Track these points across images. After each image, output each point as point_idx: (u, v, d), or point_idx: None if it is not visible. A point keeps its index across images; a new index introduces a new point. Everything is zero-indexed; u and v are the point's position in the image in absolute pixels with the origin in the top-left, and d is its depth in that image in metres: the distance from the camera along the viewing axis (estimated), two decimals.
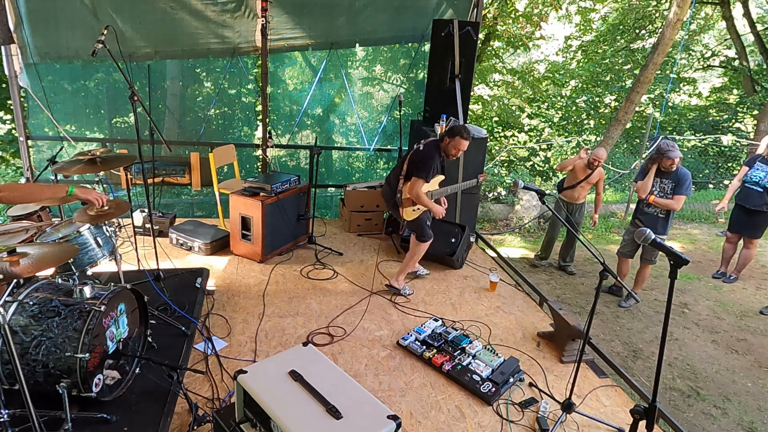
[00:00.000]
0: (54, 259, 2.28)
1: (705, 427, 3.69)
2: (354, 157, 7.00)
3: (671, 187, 4.60)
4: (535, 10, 10.75)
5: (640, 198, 4.77)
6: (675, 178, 4.58)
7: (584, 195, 5.69)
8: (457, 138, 3.75)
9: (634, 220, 4.94)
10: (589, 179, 5.51)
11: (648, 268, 5.06)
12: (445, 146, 3.83)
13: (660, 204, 4.64)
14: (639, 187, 4.75)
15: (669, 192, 4.61)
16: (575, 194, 5.64)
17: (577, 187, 5.59)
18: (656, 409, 2.07)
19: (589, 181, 5.53)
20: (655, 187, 4.68)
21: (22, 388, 1.85)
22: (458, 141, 3.76)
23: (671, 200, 4.60)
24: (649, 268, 5.06)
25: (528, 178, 11.67)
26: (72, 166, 3.13)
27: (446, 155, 3.90)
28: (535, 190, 2.87)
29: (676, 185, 4.57)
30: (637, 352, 4.58)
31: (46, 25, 5.02)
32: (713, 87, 16.14)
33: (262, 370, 2.11)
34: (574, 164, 5.58)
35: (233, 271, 4.39)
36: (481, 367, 3.19)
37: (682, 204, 4.67)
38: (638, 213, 4.89)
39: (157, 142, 3.56)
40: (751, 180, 5.36)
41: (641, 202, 4.81)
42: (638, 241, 2.08)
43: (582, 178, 5.53)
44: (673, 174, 4.58)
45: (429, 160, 3.81)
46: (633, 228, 4.95)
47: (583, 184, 5.55)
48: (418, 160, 3.79)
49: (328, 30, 5.64)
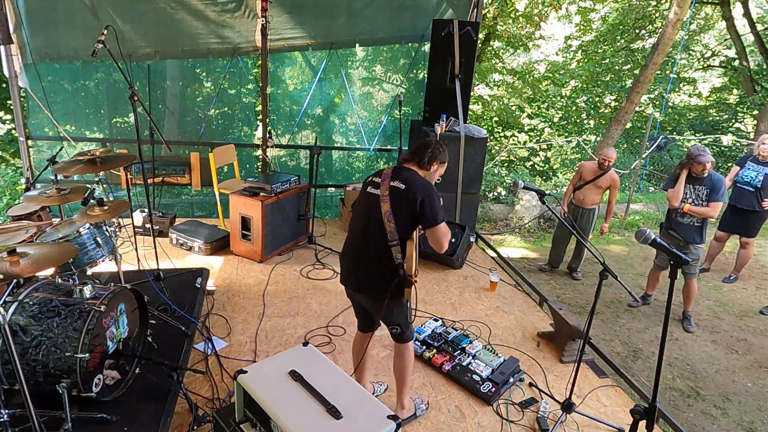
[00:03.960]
0: (54, 259, 2.28)
1: (705, 427, 3.69)
2: (354, 157, 6.99)
3: (706, 193, 4.32)
4: (535, 10, 10.75)
5: (673, 207, 4.48)
6: (709, 184, 4.30)
7: (593, 200, 5.36)
8: (444, 163, 2.67)
9: (668, 231, 4.61)
10: (597, 182, 5.24)
11: (692, 283, 4.73)
12: (431, 174, 2.62)
13: (696, 212, 4.34)
14: (670, 196, 4.46)
15: (704, 199, 4.34)
16: (581, 196, 5.37)
17: (584, 189, 5.33)
18: (656, 409, 2.07)
19: (598, 185, 5.26)
20: (688, 195, 4.40)
21: (22, 388, 1.85)
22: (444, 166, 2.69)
23: (707, 208, 4.31)
24: (693, 282, 4.73)
25: (528, 178, 11.65)
26: (72, 166, 3.13)
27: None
28: (535, 190, 2.87)
29: (710, 191, 4.30)
30: (637, 352, 4.58)
31: (46, 25, 5.02)
32: (713, 87, 16.13)
33: (262, 370, 2.11)
34: (582, 166, 5.40)
35: (233, 271, 4.39)
36: (481, 367, 3.19)
37: (719, 211, 4.39)
38: (671, 223, 4.56)
39: (157, 142, 3.56)
40: (743, 180, 5.33)
41: (673, 212, 4.50)
42: (638, 242, 2.08)
43: (590, 179, 5.29)
44: (707, 179, 4.31)
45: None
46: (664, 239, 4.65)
47: (591, 186, 5.28)
48: (432, 196, 2.46)
49: (328, 30, 5.64)
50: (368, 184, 2.59)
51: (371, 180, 2.60)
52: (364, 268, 2.53)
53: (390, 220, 2.40)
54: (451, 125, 5.00)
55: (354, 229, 2.62)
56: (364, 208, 2.54)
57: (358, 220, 2.58)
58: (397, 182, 2.47)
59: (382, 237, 2.41)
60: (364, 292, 2.60)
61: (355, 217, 2.64)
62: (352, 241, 2.62)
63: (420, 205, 2.41)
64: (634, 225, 8.36)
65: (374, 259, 2.46)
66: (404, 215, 2.42)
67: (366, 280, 2.54)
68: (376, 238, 2.43)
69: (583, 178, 5.38)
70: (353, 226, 2.63)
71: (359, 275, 2.58)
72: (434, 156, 2.57)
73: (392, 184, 2.47)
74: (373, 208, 2.45)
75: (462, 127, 4.94)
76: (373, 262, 2.47)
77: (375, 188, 2.52)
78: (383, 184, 2.48)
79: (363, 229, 2.51)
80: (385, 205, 2.42)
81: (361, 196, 2.61)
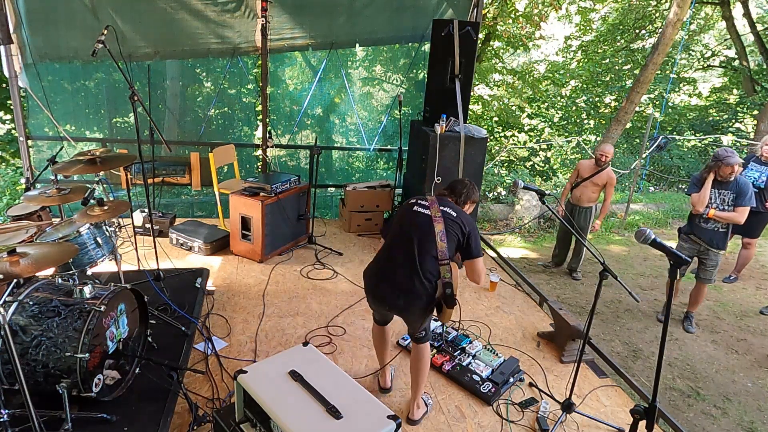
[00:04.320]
0: (54, 259, 2.28)
1: (705, 427, 3.69)
2: (354, 157, 6.99)
3: (732, 198, 4.17)
4: (534, 10, 10.75)
5: (697, 212, 4.30)
6: (735, 188, 4.16)
7: (589, 197, 5.38)
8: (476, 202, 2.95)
9: (689, 236, 4.47)
10: (594, 179, 5.26)
11: (704, 287, 4.65)
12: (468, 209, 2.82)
13: (722, 218, 4.19)
14: (696, 201, 4.26)
15: (729, 204, 4.19)
16: (578, 194, 5.41)
17: (581, 186, 5.35)
18: (656, 409, 2.07)
19: (594, 182, 5.28)
20: (712, 200, 4.24)
21: (22, 388, 1.85)
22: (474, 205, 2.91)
23: (734, 213, 4.16)
24: (705, 287, 4.65)
25: (528, 178, 11.66)
26: (72, 166, 3.13)
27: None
28: (535, 190, 2.86)
29: (737, 196, 4.15)
30: (637, 352, 4.58)
31: (46, 25, 5.02)
32: (713, 87, 16.14)
33: (262, 370, 2.11)
34: (580, 164, 5.41)
35: (233, 271, 4.39)
36: (481, 367, 3.19)
37: (746, 216, 4.18)
38: (693, 228, 4.41)
39: (157, 142, 3.56)
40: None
41: (697, 217, 4.34)
42: (638, 242, 2.08)
43: (587, 176, 5.30)
44: (733, 183, 4.17)
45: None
46: (684, 243, 4.53)
47: (588, 184, 5.31)
48: (477, 231, 2.68)
49: (328, 30, 5.64)
50: (414, 204, 2.66)
51: (417, 202, 2.67)
52: (411, 285, 2.50)
53: (443, 239, 2.49)
54: (451, 125, 5.00)
55: (397, 247, 2.61)
56: (412, 227, 2.57)
57: (404, 238, 2.58)
58: (448, 209, 2.60)
59: (434, 255, 2.48)
60: (407, 310, 2.59)
61: (399, 236, 2.63)
62: (390, 260, 2.61)
63: (468, 237, 2.57)
64: (634, 225, 8.36)
65: (423, 277, 2.49)
66: (453, 240, 2.53)
67: (412, 298, 2.52)
68: (427, 257, 2.49)
69: (580, 176, 5.41)
70: (396, 245, 2.63)
71: (404, 293, 2.53)
72: (468, 195, 2.76)
73: (443, 209, 2.58)
74: (426, 226, 2.53)
75: (462, 127, 4.93)
76: (421, 279, 2.49)
77: (425, 209, 2.60)
78: (433, 207, 2.59)
79: (412, 248, 2.52)
80: (438, 225, 2.51)
81: (407, 216, 2.65)
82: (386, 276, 2.60)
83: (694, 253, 4.47)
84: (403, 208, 2.74)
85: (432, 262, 2.49)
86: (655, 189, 12.05)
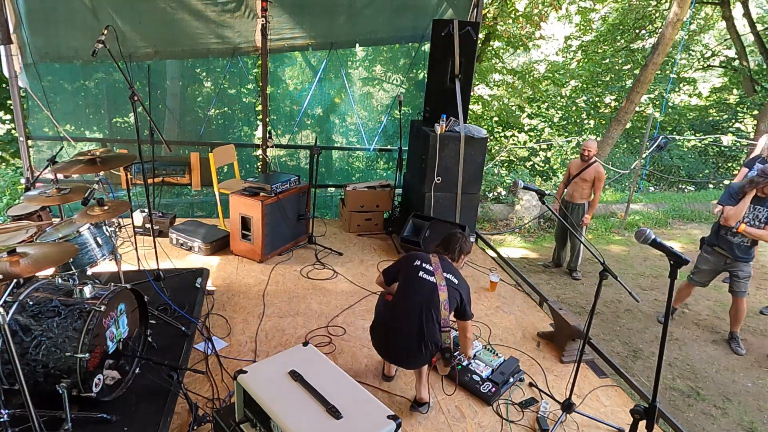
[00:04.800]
0: (54, 259, 2.28)
1: (705, 427, 3.69)
2: (354, 157, 6.99)
3: (766, 215, 4.09)
4: (534, 10, 10.75)
5: (728, 225, 4.17)
6: None
7: (581, 194, 5.53)
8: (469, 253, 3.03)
9: (713, 248, 4.38)
10: (583, 175, 5.38)
11: (741, 302, 4.50)
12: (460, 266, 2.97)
13: (751, 234, 4.12)
14: (730, 215, 4.12)
15: (762, 220, 4.11)
16: (570, 191, 5.57)
17: (572, 184, 5.51)
18: (656, 409, 2.07)
19: (583, 178, 5.40)
20: (746, 214, 4.14)
21: (22, 388, 1.85)
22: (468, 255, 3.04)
23: (764, 231, 4.09)
24: (742, 302, 4.50)
25: (528, 178, 11.66)
26: (72, 166, 3.13)
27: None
28: (535, 190, 2.87)
29: None
30: (637, 352, 4.58)
31: (46, 25, 5.02)
32: (713, 87, 16.15)
33: (262, 370, 2.11)
34: (570, 163, 5.52)
35: (233, 271, 4.39)
36: (481, 367, 3.19)
37: None
38: (719, 240, 4.31)
39: (157, 142, 3.56)
40: None
41: (725, 229, 4.23)
42: (638, 242, 2.08)
43: (575, 173, 5.43)
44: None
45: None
46: (709, 256, 4.44)
47: (577, 181, 5.43)
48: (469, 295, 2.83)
49: (328, 30, 5.64)
50: (420, 269, 2.76)
51: (422, 266, 2.77)
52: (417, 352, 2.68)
53: (446, 308, 2.67)
54: (451, 125, 5.00)
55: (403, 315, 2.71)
56: (418, 295, 2.69)
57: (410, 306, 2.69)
58: (450, 275, 2.75)
59: (437, 323, 2.66)
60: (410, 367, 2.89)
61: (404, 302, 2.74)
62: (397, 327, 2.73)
63: (463, 300, 2.75)
64: (634, 225, 8.36)
65: (428, 345, 2.67)
66: (454, 306, 2.71)
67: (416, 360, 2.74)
68: (432, 325, 2.66)
69: (571, 174, 5.53)
70: (402, 311, 2.72)
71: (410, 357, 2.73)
72: (462, 250, 2.91)
73: (446, 275, 2.73)
74: (431, 295, 2.68)
75: (462, 127, 4.93)
76: (426, 346, 2.67)
77: (430, 276, 2.73)
78: (437, 273, 2.74)
79: (418, 316, 2.66)
80: (443, 294, 2.68)
81: (412, 281, 2.76)
82: (393, 341, 2.76)
83: (720, 266, 4.40)
84: (407, 268, 2.81)
85: (436, 330, 2.67)
86: (655, 189, 12.06)
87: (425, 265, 2.77)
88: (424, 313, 2.65)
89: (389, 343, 2.80)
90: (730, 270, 4.38)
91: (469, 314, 2.80)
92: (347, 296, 4.10)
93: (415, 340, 2.66)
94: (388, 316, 2.82)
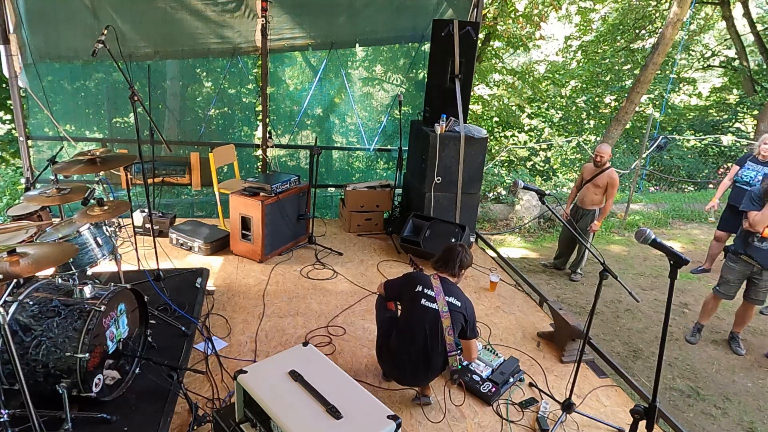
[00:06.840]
0: (54, 259, 2.28)
1: (705, 427, 3.69)
2: (354, 157, 6.99)
3: None
4: (534, 10, 10.75)
5: (754, 231, 4.04)
6: None
7: (592, 200, 5.36)
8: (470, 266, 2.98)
9: (739, 256, 4.22)
10: (595, 180, 5.24)
11: (752, 308, 4.43)
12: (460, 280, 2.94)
13: None
14: (757, 220, 3.97)
15: None
16: (581, 196, 5.43)
17: (584, 188, 5.37)
18: (656, 409, 2.07)
19: (596, 184, 5.25)
20: None
21: (22, 388, 1.85)
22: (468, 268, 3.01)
23: None
24: (753, 308, 4.44)
25: (528, 178, 11.65)
26: (72, 166, 3.13)
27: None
28: (535, 190, 2.87)
29: None
30: (637, 352, 4.58)
31: (46, 25, 5.02)
32: (713, 87, 16.14)
33: (262, 370, 2.11)
34: (584, 167, 5.41)
35: (233, 271, 4.39)
36: (481, 367, 3.19)
37: None
38: (747, 248, 4.14)
39: (157, 142, 3.56)
40: (742, 180, 5.30)
41: (751, 235, 4.09)
42: (638, 242, 2.08)
43: (588, 178, 5.30)
44: None
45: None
46: (735, 265, 4.27)
47: (589, 186, 5.29)
48: (473, 315, 2.81)
49: (328, 30, 5.64)
50: (421, 296, 2.73)
51: (423, 292, 2.74)
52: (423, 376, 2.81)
53: (450, 333, 2.67)
54: (451, 125, 5.00)
55: (407, 345, 2.74)
56: (421, 325, 2.69)
57: (414, 335, 2.71)
58: (452, 298, 2.73)
59: (443, 349, 2.69)
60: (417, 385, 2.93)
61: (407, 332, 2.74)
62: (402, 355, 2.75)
63: (468, 321, 2.74)
64: (634, 225, 8.35)
65: (433, 370, 2.78)
66: (458, 329, 2.71)
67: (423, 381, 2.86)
68: (437, 353, 2.70)
69: (584, 178, 5.43)
70: (406, 341, 2.74)
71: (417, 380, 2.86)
72: (462, 264, 2.84)
73: (448, 299, 2.71)
74: (434, 323, 2.68)
75: (462, 127, 4.93)
76: (432, 370, 2.78)
77: (431, 302, 2.71)
78: (439, 298, 2.71)
79: (423, 345, 2.69)
80: (446, 320, 2.68)
81: (413, 309, 2.74)
82: (399, 367, 2.82)
83: (747, 274, 4.26)
84: (409, 292, 2.77)
85: (441, 357, 2.71)
86: (655, 189, 12.05)
87: (426, 291, 2.74)
88: (429, 340, 2.67)
89: (397, 370, 2.85)
90: (755, 278, 4.23)
91: (471, 334, 2.78)
92: (347, 296, 4.10)
93: (422, 365, 2.73)
94: (393, 345, 2.80)
